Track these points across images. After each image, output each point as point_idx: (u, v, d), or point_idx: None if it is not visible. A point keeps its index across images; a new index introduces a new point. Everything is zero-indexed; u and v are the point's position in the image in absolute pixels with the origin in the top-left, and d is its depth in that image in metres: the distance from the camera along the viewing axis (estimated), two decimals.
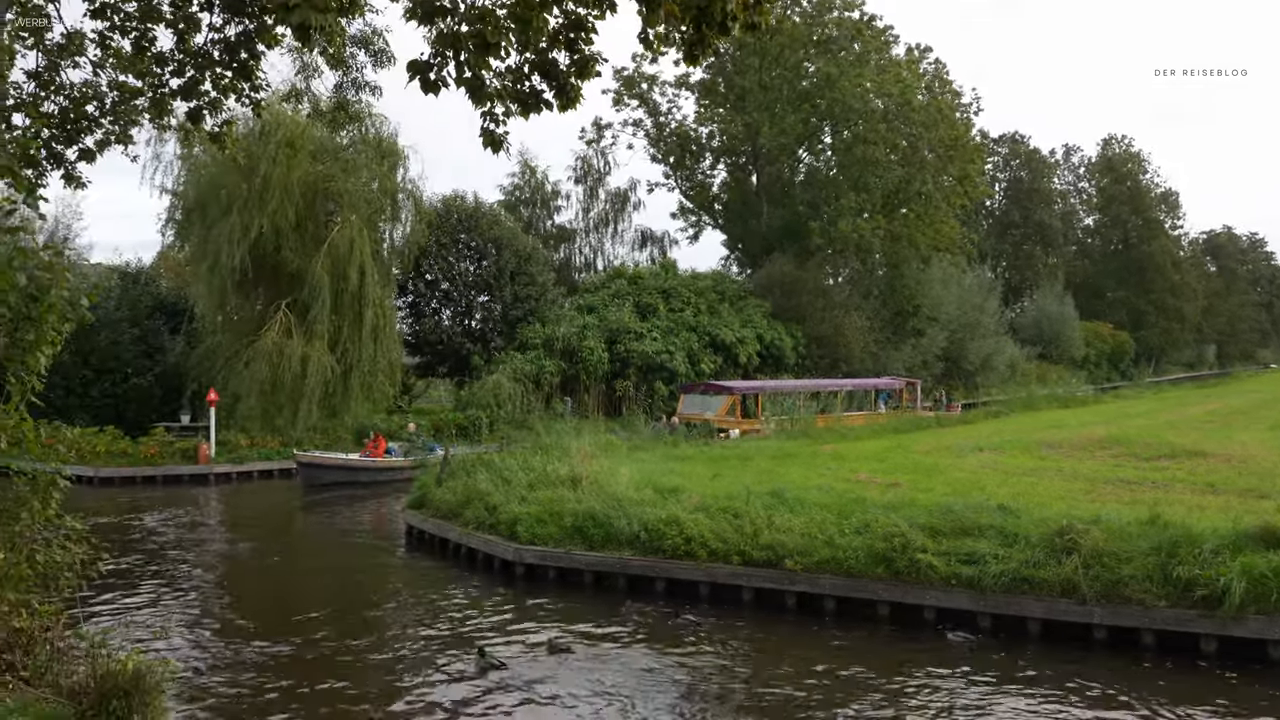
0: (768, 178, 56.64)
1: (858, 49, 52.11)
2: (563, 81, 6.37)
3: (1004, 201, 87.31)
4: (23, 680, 7.54)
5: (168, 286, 41.72)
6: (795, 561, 13.75)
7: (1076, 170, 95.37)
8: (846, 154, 52.86)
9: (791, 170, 57.40)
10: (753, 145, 54.08)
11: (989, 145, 75.04)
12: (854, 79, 49.66)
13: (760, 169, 56.55)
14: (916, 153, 52.36)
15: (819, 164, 57.39)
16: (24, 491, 8.63)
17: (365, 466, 28.77)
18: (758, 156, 55.29)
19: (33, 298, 8.35)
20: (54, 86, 11.53)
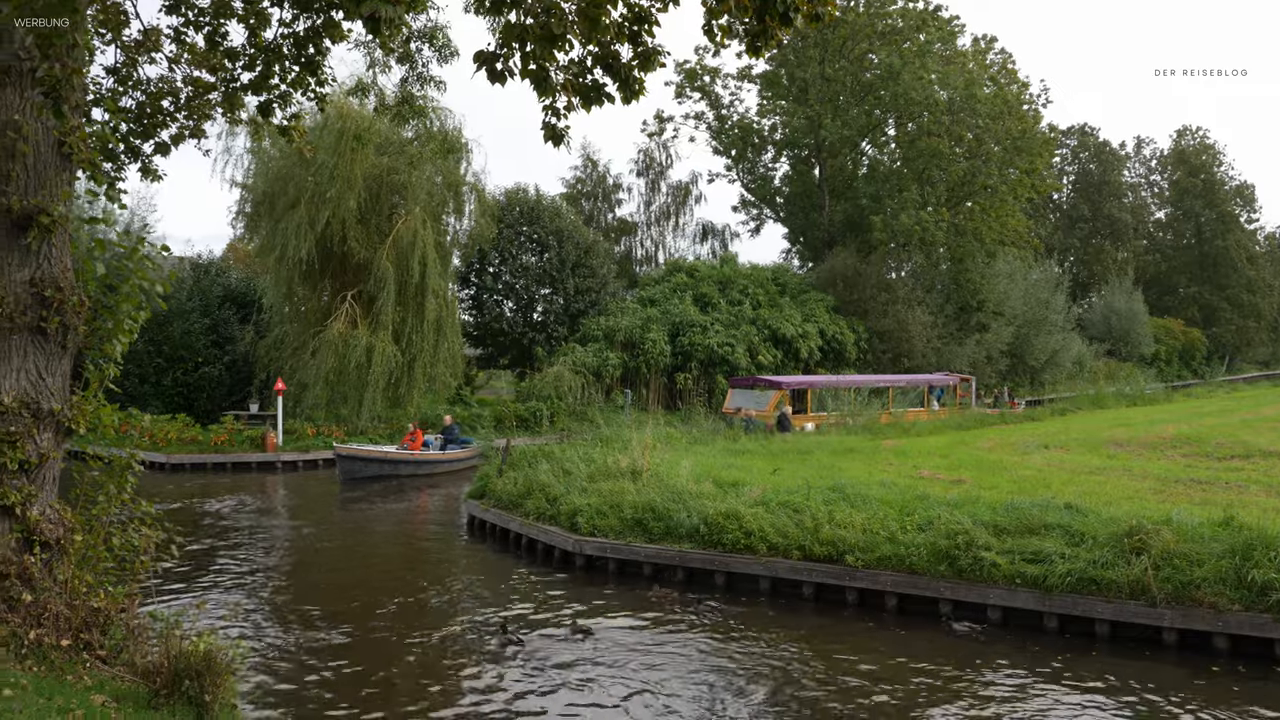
0: (830, 170, 56.18)
1: (922, 40, 51.40)
2: (625, 74, 6.37)
3: (1072, 195, 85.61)
4: (100, 659, 7.75)
5: (237, 277, 42.64)
6: (856, 557, 13.65)
7: (1148, 163, 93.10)
8: (910, 147, 52.24)
9: (854, 163, 56.86)
10: (815, 138, 53.63)
11: (1057, 137, 73.56)
12: (918, 70, 48.99)
13: (823, 162, 56.09)
14: (982, 145, 51.53)
15: (882, 157, 56.77)
16: (100, 475, 8.86)
17: (405, 459, 28.69)
18: (820, 149, 54.82)
19: (110, 287, 8.59)
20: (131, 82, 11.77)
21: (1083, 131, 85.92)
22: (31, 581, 7.60)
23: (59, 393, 8.08)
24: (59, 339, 8.02)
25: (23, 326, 7.76)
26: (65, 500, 8.51)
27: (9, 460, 7.62)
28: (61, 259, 8.13)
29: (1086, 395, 45.48)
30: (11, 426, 7.64)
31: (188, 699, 7.20)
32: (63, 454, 8.32)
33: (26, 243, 7.82)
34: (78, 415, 8.20)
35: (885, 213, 50.31)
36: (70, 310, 8.00)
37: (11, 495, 7.59)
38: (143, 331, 9.12)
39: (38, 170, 7.91)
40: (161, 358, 36.53)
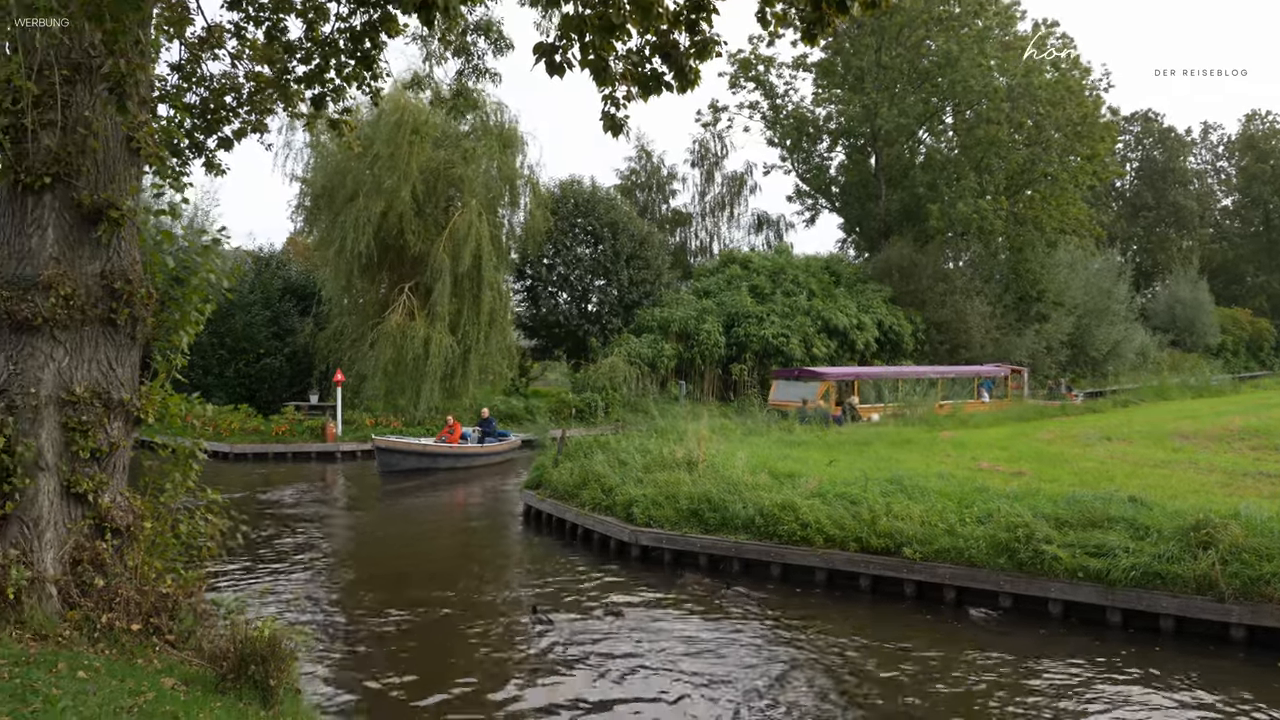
0: (886, 159, 55.60)
1: (980, 25, 50.64)
2: (682, 63, 6.35)
3: (1135, 182, 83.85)
4: (168, 643, 7.93)
5: (297, 270, 43.26)
6: (914, 550, 13.53)
7: (1215, 149, 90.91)
8: (968, 134, 51.55)
9: (911, 152, 56.22)
10: (871, 127, 53.10)
11: (1120, 123, 72.07)
12: (976, 57, 48.26)
13: (879, 151, 55.54)
14: (1042, 132, 50.68)
15: (939, 145, 56.11)
16: (167, 464, 9.06)
17: (443, 452, 28.47)
18: (876, 138, 54.28)
19: (177, 279, 8.77)
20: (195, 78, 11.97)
21: (1146, 117, 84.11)
22: (103, 567, 7.79)
23: (128, 383, 8.26)
24: (128, 330, 8.21)
25: (94, 318, 7.94)
26: (134, 488, 8.71)
27: (81, 448, 7.82)
28: (130, 252, 8.31)
29: (1150, 387, 44.59)
30: (84, 416, 7.83)
31: (253, 683, 7.33)
32: (132, 443, 8.51)
33: (97, 236, 8.00)
34: (146, 405, 8.38)
35: (942, 202, 49.71)
36: (139, 302, 8.17)
37: (84, 483, 7.79)
38: (207, 323, 9.30)
39: (107, 165, 8.09)
40: (224, 349, 37.23)
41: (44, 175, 7.72)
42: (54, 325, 7.74)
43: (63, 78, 7.72)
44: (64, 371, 7.86)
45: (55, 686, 6.17)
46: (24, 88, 7.41)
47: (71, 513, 7.86)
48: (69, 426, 7.81)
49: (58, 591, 7.57)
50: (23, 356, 7.75)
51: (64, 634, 7.32)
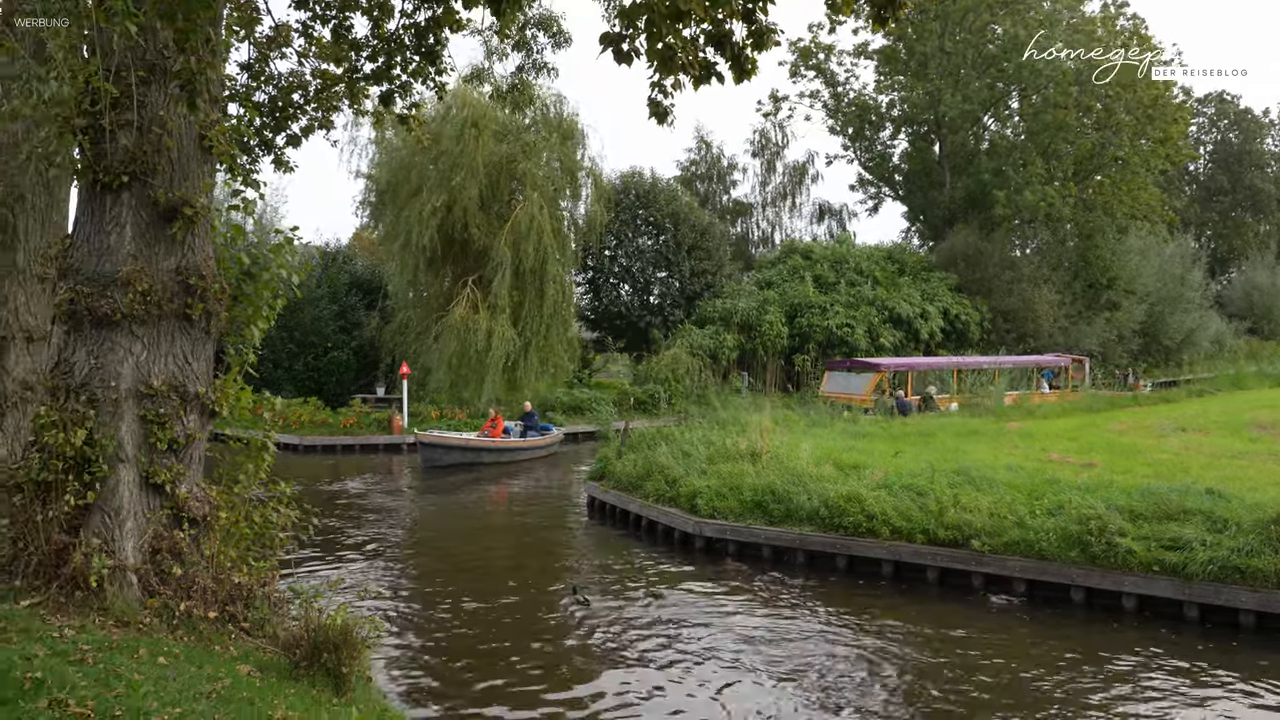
0: (951, 146, 54.77)
1: (1047, 8, 49.59)
2: (737, 53, 6.31)
3: (1210, 166, 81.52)
4: (244, 630, 8.11)
5: (363, 265, 43.86)
6: (983, 542, 13.34)
7: None
8: (1035, 119, 50.55)
9: (976, 138, 55.30)
10: (935, 113, 52.30)
11: (1193, 105, 70.14)
12: (1042, 40, 47.27)
13: (943, 137, 54.72)
14: (1112, 115, 49.51)
15: (1005, 131, 55.08)
16: (240, 456, 9.25)
17: (486, 447, 28.20)
18: (940, 125, 53.46)
19: (249, 275, 8.94)
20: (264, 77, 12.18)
21: (1221, 99, 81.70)
22: (181, 556, 7.99)
23: (203, 376, 8.45)
24: (203, 325, 8.39)
25: (169, 313, 8.13)
26: (209, 479, 8.91)
27: (159, 440, 8.01)
28: (204, 249, 8.49)
29: (1226, 375, 43.32)
30: (161, 409, 8.02)
31: (326, 670, 7.46)
32: (207, 435, 8.70)
33: (172, 233, 8.18)
34: (220, 398, 8.57)
35: (1009, 188, 48.83)
36: (213, 297, 8.35)
37: (162, 474, 7.98)
38: (276, 318, 9.47)
39: (182, 164, 8.27)
40: (293, 343, 37.90)
41: (121, 174, 7.91)
42: (132, 320, 7.94)
43: (138, 79, 7.90)
44: (142, 365, 8.05)
45: (137, 671, 6.33)
46: (102, 89, 7.59)
47: (150, 503, 8.06)
48: (147, 419, 8.01)
49: (138, 579, 7.77)
50: (103, 351, 7.96)
51: (144, 621, 7.51)
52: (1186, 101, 59.76)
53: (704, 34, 5.99)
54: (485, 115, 34.75)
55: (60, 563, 7.57)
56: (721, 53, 6.00)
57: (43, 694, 5.62)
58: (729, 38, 5.94)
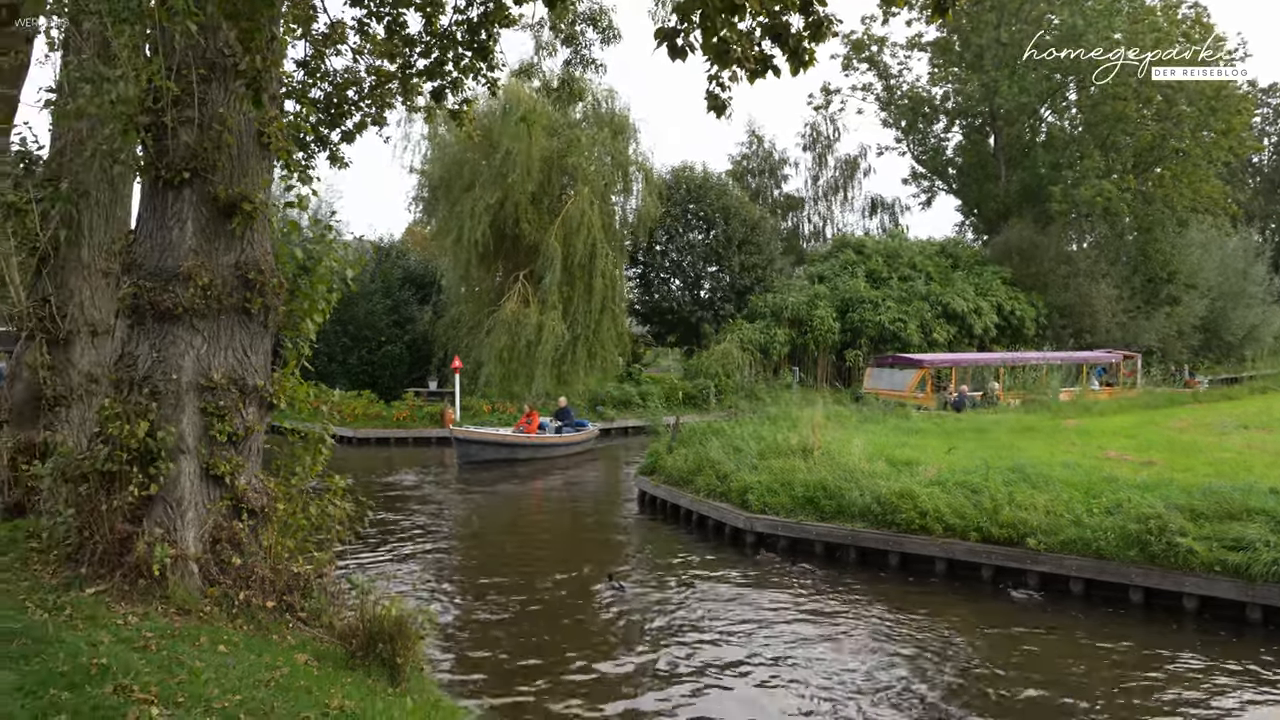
0: (1006, 139, 53.96)
1: None
2: (795, 45, 6.27)
3: (1275, 157, 79.50)
4: (301, 620, 8.22)
5: (416, 259, 44.28)
6: (1039, 541, 13.16)
7: None
8: (1093, 111, 49.59)
9: (1032, 130, 54.41)
10: (990, 105, 51.56)
11: (1257, 96, 68.36)
12: (1102, 31, 46.36)
13: (998, 130, 53.94)
14: (1173, 106, 48.42)
15: (1062, 123, 54.11)
16: (297, 448, 9.38)
17: (522, 443, 27.74)
18: (995, 117, 52.70)
19: (305, 269, 9.06)
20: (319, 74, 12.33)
21: None
22: (240, 546, 8.12)
23: (262, 370, 8.58)
24: (261, 319, 8.52)
25: (229, 308, 8.26)
26: (267, 471, 9.05)
27: (219, 433, 8.15)
28: (262, 244, 8.62)
29: None
30: (221, 401, 8.16)
31: (381, 661, 7.56)
32: (265, 428, 8.83)
33: (231, 229, 8.31)
34: (278, 391, 8.70)
35: (1065, 182, 48.02)
36: (271, 292, 8.47)
37: (222, 465, 8.12)
38: (331, 312, 9.58)
39: (240, 160, 8.40)
40: (347, 337, 38.37)
41: (183, 171, 8.05)
42: (193, 314, 8.08)
43: (199, 76, 8.03)
44: (202, 359, 8.20)
45: (198, 659, 6.46)
46: (164, 87, 7.73)
47: (210, 494, 8.20)
48: (207, 411, 8.15)
49: (199, 569, 7.91)
50: (165, 344, 8.11)
51: (205, 609, 7.65)
52: (1250, 93, 58.25)
53: (760, 26, 5.94)
54: (536, 110, 34.88)
55: (124, 551, 7.73)
56: (779, 45, 5.95)
57: (108, 679, 5.75)
58: (786, 30, 5.89)
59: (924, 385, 32.82)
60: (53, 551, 8.37)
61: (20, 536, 9.09)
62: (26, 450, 10.87)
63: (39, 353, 11.09)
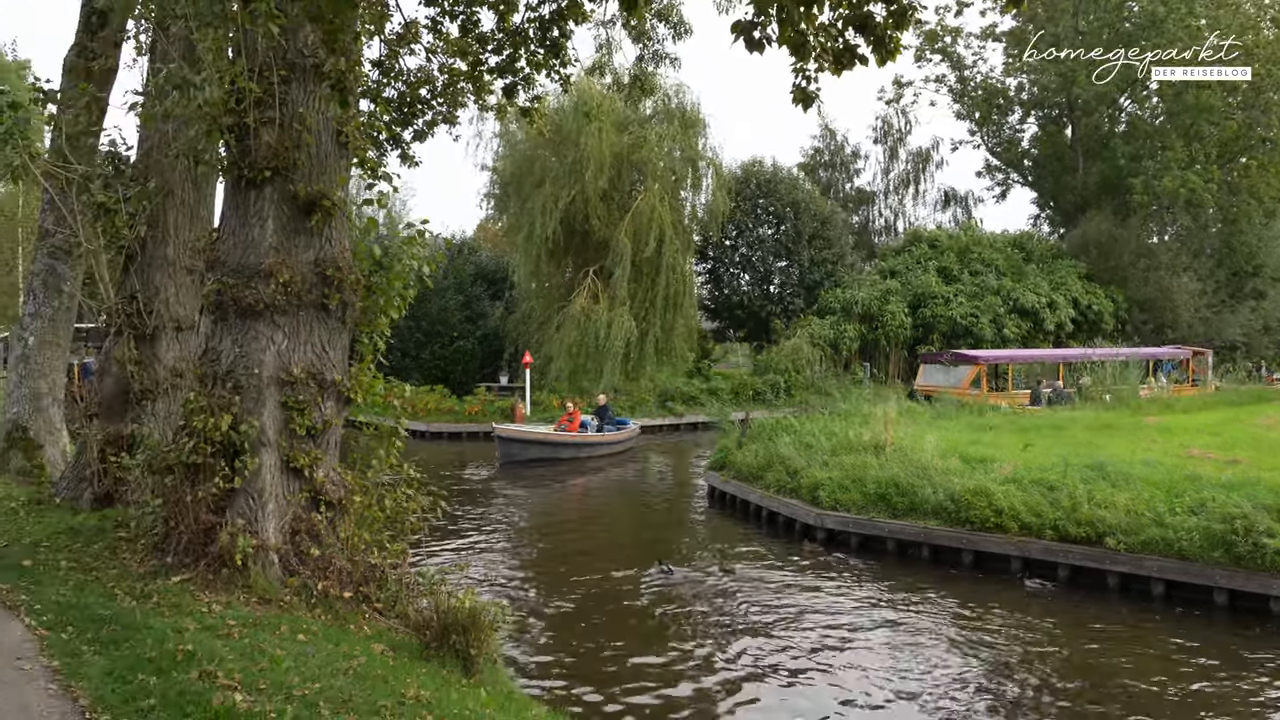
0: (1084, 130, 52.72)
1: None
2: (880, 34, 6.22)
3: None
4: (376, 611, 8.37)
5: (487, 256, 44.72)
6: (1118, 540, 12.86)
7: None
8: (1175, 100, 48.24)
9: (1111, 120, 53.08)
10: (1067, 96, 50.42)
11: None
12: (1184, 16, 45.05)
13: (1076, 121, 52.73)
14: (1261, 94, 46.88)
15: (1143, 113, 52.73)
16: (371, 442, 9.54)
17: (565, 442, 26.96)
18: (1073, 107, 51.53)
19: (380, 266, 9.21)
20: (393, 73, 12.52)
21: None
22: (319, 537, 8.29)
23: (339, 364, 8.75)
24: (339, 315, 8.68)
25: (308, 304, 8.44)
26: (344, 464, 9.22)
27: (298, 426, 8.32)
28: (340, 241, 8.78)
29: None
30: (300, 395, 8.33)
31: (455, 652, 7.65)
32: (342, 421, 9.00)
33: (310, 226, 8.48)
34: (355, 386, 8.85)
35: (1146, 173, 46.79)
36: (348, 288, 8.63)
37: (301, 458, 8.30)
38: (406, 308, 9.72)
39: (319, 159, 8.56)
40: (420, 333, 38.93)
41: (264, 170, 8.23)
42: (274, 310, 8.26)
43: (280, 77, 8.20)
44: (283, 354, 8.38)
45: (279, 647, 6.61)
46: (247, 89, 7.91)
47: (290, 486, 8.38)
48: (287, 405, 8.33)
49: (279, 559, 8.09)
50: (247, 340, 8.31)
51: (284, 599, 7.83)
52: None
53: (843, 17, 5.90)
54: (606, 106, 34.99)
55: (208, 541, 7.95)
56: (863, 35, 5.90)
57: (194, 665, 5.91)
58: (870, 19, 5.83)
59: (978, 382, 32.24)
60: (140, 541, 8.63)
61: (109, 526, 9.38)
62: (115, 442, 11.22)
63: (127, 348, 11.43)
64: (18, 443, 13.66)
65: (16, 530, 9.85)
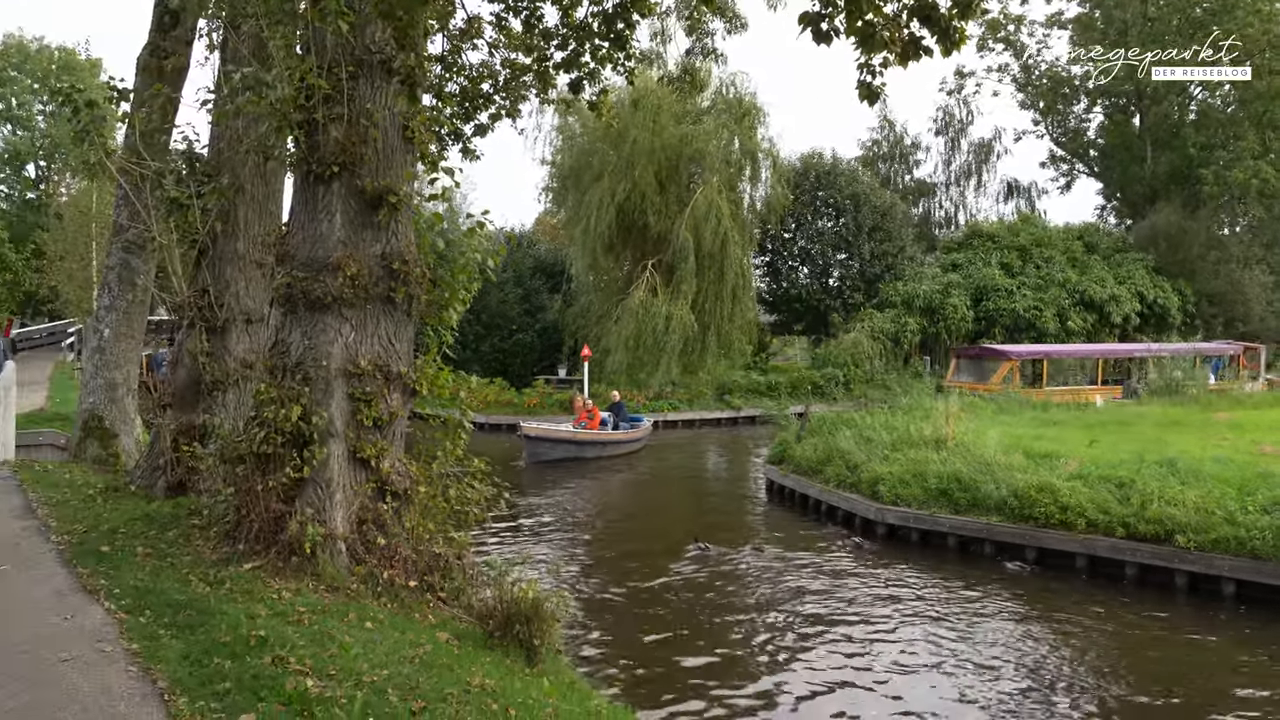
0: (1153, 119, 51.56)
1: None
2: (945, 25, 6.15)
3: None
4: (441, 600, 8.48)
5: (545, 249, 44.97)
6: (1188, 539, 12.61)
7: None
8: (1247, 88, 46.98)
9: (1181, 109, 51.85)
10: (1135, 84, 49.36)
11: None
12: (1257, 1, 43.81)
13: (1144, 109, 51.60)
14: None
15: (1214, 101, 51.42)
16: (437, 434, 9.66)
17: (590, 440, 26.41)
18: (1141, 96, 50.43)
19: (444, 259, 9.32)
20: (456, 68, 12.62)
21: None
22: (384, 527, 8.42)
23: (405, 357, 8.86)
24: (405, 308, 8.80)
25: (375, 297, 8.56)
26: (410, 455, 9.34)
27: (365, 417, 8.45)
28: (406, 234, 8.89)
29: None
30: (367, 387, 8.46)
31: (518, 641, 7.72)
32: (408, 413, 9.12)
33: (377, 220, 8.60)
34: (420, 378, 8.97)
35: (1218, 163, 45.63)
36: (414, 281, 8.73)
37: (368, 449, 8.43)
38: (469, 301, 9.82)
39: (386, 154, 8.67)
40: (480, 325, 39.27)
41: (332, 165, 8.35)
42: (342, 304, 8.39)
43: (348, 74, 8.32)
44: (350, 346, 8.51)
45: (347, 634, 6.73)
46: (316, 85, 8.04)
47: (357, 476, 8.51)
48: (355, 397, 8.46)
49: (346, 548, 8.23)
50: (315, 332, 8.45)
51: (352, 587, 7.96)
52: None
53: (907, 8, 5.85)
54: (664, 99, 34.97)
55: (277, 530, 8.10)
56: (927, 26, 5.84)
57: (267, 650, 6.04)
58: (935, 9, 5.78)
59: (1010, 378, 31.67)
60: (212, 528, 8.83)
61: (182, 513, 9.61)
62: (187, 432, 11.49)
63: (199, 340, 11.70)
64: (94, 431, 14.05)
65: (95, 517, 10.14)
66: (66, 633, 6.41)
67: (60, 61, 57.38)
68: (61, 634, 6.39)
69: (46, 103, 56.20)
